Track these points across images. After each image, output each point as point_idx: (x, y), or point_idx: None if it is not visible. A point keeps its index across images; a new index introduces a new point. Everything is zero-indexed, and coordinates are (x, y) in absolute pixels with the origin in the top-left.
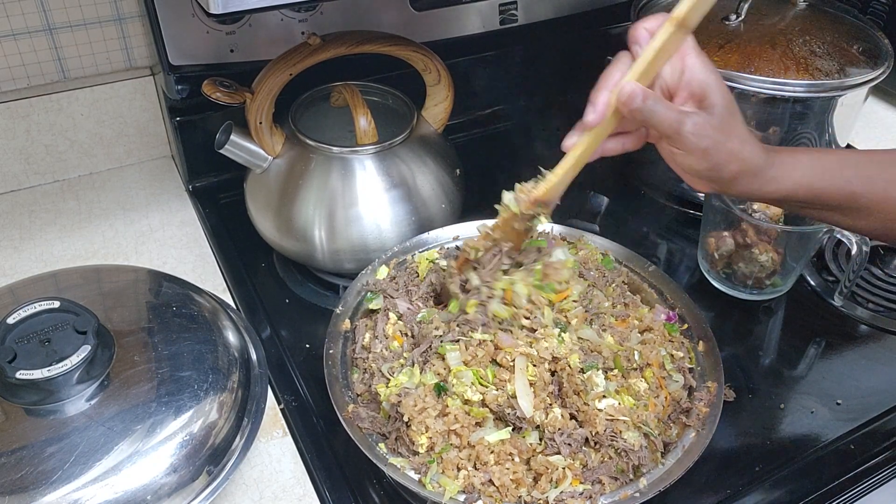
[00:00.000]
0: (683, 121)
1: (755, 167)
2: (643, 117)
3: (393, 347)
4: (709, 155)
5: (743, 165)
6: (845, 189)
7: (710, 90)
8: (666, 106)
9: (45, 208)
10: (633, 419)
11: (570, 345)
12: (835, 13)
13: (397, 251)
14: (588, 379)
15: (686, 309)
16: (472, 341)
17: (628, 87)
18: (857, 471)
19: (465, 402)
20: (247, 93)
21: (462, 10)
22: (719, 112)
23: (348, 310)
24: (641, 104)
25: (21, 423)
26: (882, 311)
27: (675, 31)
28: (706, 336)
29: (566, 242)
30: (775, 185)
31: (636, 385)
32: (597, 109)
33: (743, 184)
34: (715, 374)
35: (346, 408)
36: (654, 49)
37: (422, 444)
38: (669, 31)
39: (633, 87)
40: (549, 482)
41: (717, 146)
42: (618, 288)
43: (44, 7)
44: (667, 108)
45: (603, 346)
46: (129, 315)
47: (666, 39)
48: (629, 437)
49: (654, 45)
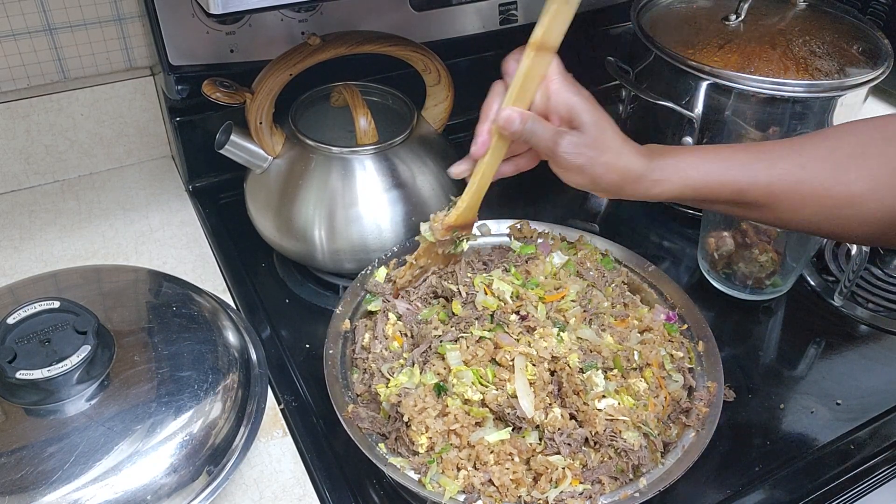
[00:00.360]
0: (557, 141)
1: (636, 174)
2: (525, 139)
3: (393, 348)
4: (585, 170)
5: (621, 175)
6: (731, 186)
7: (577, 111)
8: (543, 126)
9: (45, 208)
10: (633, 419)
11: (569, 344)
12: (835, 13)
13: (396, 251)
14: (588, 379)
15: (686, 309)
16: (471, 338)
17: (505, 113)
18: (857, 471)
19: (466, 401)
20: (247, 93)
21: (462, 10)
22: (589, 130)
23: (348, 310)
24: (520, 126)
25: (21, 423)
26: (882, 311)
27: (536, 55)
28: (706, 336)
29: (565, 242)
30: (660, 188)
31: (636, 385)
32: (479, 140)
33: (628, 190)
34: (715, 374)
35: (345, 408)
36: (521, 74)
37: (422, 445)
38: (531, 55)
39: (510, 112)
40: (549, 482)
41: (591, 162)
42: (617, 288)
43: (44, 7)
44: (544, 129)
45: (602, 346)
46: (129, 315)
47: (530, 64)
48: (629, 437)
49: (520, 70)
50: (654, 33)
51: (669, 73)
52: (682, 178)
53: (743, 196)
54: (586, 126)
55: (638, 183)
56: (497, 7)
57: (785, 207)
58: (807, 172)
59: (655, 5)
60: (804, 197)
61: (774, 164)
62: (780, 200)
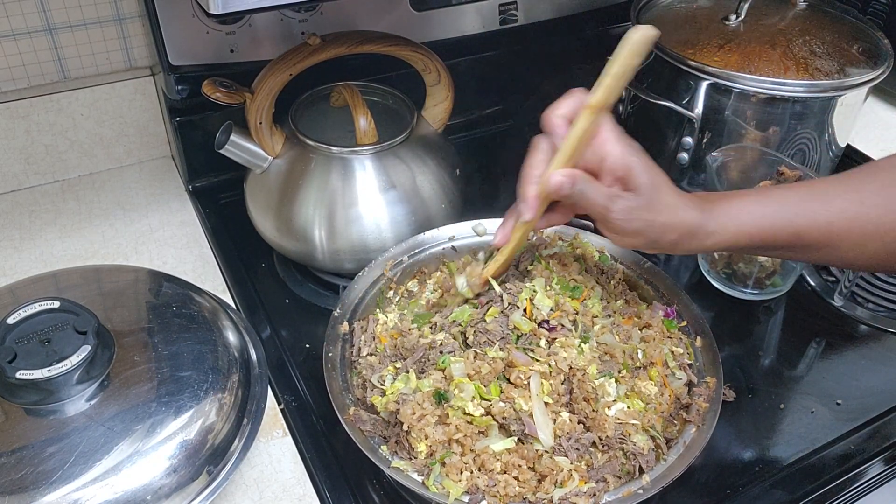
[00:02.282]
0: (610, 207)
1: (692, 229)
2: (575, 201)
3: (380, 349)
4: (642, 234)
5: (679, 233)
6: (787, 229)
7: (633, 173)
8: (596, 189)
9: (45, 208)
10: (642, 423)
11: (589, 356)
12: (835, 13)
13: (395, 252)
14: (600, 387)
15: (682, 305)
16: (485, 356)
17: (556, 179)
18: (857, 471)
19: (466, 414)
20: (247, 93)
21: (462, 10)
22: (645, 192)
23: (346, 312)
24: (571, 190)
25: (21, 423)
26: (882, 311)
27: (593, 117)
28: (703, 331)
29: (561, 241)
30: (715, 239)
31: (647, 388)
32: (530, 206)
33: (684, 246)
34: (713, 369)
35: (346, 410)
36: (576, 137)
37: (421, 452)
38: (589, 118)
39: (561, 178)
40: (554, 483)
41: (648, 225)
42: (619, 285)
43: (44, 7)
44: (596, 192)
45: (617, 349)
46: (129, 315)
47: (587, 126)
48: (638, 440)
49: (575, 132)
50: None
51: (669, 72)
52: (737, 225)
53: (801, 238)
54: (642, 189)
55: (694, 238)
56: (497, 7)
57: (846, 246)
58: (865, 208)
59: (655, 5)
60: (865, 234)
61: (831, 202)
62: (840, 239)
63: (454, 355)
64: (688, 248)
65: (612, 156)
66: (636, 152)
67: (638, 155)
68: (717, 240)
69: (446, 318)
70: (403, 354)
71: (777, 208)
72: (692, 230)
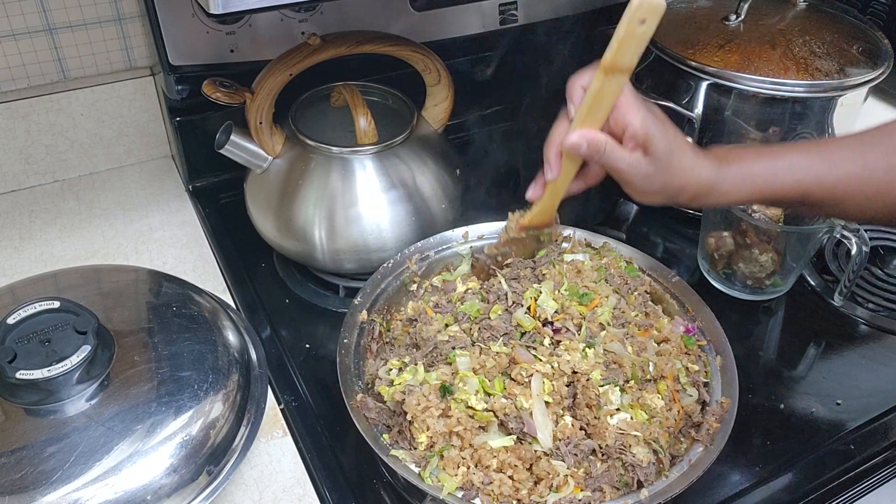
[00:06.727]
0: (631, 172)
1: (707, 187)
2: (598, 160)
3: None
4: (660, 193)
5: (695, 190)
6: (796, 189)
7: (652, 141)
8: (618, 155)
9: (45, 208)
10: (644, 435)
11: (593, 361)
12: (835, 13)
13: (422, 246)
14: (604, 394)
15: (706, 322)
16: (488, 350)
17: (572, 138)
18: (857, 471)
19: (468, 407)
20: (247, 93)
21: (462, 10)
22: (663, 157)
23: (366, 301)
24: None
25: (21, 423)
26: (882, 311)
27: (606, 78)
28: (724, 351)
29: (590, 248)
30: (729, 198)
31: (653, 401)
32: (552, 166)
33: (700, 201)
34: (730, 390)
35: (354, 397)
36: (590, 97)
37: (421, 443)
38: (601, 78)
39: (576, 137)
40: (549, 487)
41: (665, 185)
42: (640, 297)
43: (44, 7)
44: (619, 156)
45: (625, 358)
46: (129, 315)
47: (599, 87)
48: (638, 452)
49: (590, 93)
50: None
51: (670, 72)
52: (749, 185)
53: (809, 197)
54: (660, 154)
55: (708, 195)
56: (497, 7)
57: (851, 206)
58: (869, 171)
59: None
60: (869, 196)
61: (837, 166)
62: (845, 199)
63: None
64: (705, 203)
65: (632, 125)
66: (655, 119)
67: (656, 122)
68: (732, 198)
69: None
70: (418, 343)
71: (787, 170)
72: (707, 190)
